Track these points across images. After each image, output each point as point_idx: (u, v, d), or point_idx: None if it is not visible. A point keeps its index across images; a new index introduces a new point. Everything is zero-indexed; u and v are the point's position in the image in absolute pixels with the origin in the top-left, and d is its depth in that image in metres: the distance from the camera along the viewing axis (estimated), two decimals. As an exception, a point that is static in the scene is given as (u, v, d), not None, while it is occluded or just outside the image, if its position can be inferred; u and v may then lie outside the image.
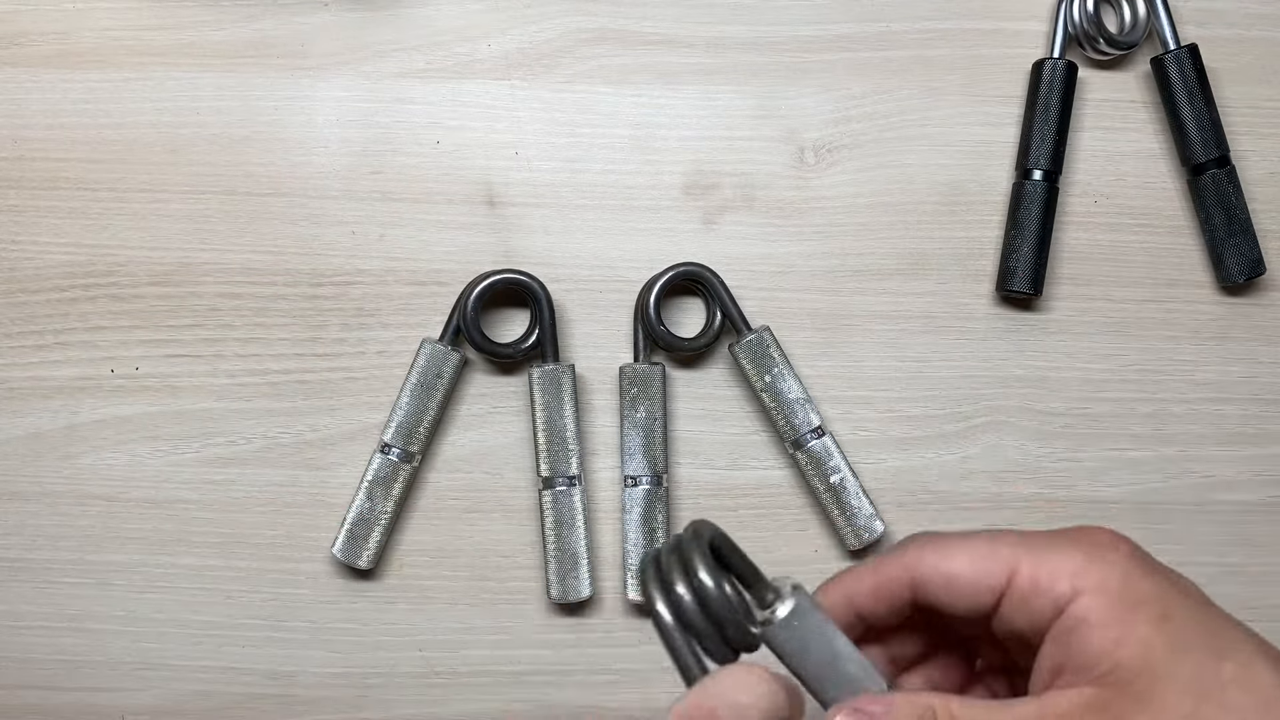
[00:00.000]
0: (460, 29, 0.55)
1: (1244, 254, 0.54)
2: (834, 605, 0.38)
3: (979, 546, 0.36)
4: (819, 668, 0.35)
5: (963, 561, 0.36)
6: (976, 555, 0.35)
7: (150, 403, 0.54)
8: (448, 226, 0.55)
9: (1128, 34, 0.55)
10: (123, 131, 0.54)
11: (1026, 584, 0.34)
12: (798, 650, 0.35)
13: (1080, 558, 0.34)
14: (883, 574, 0.37)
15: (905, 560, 0.37)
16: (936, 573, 0.36)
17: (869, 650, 0.39)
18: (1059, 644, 0.34)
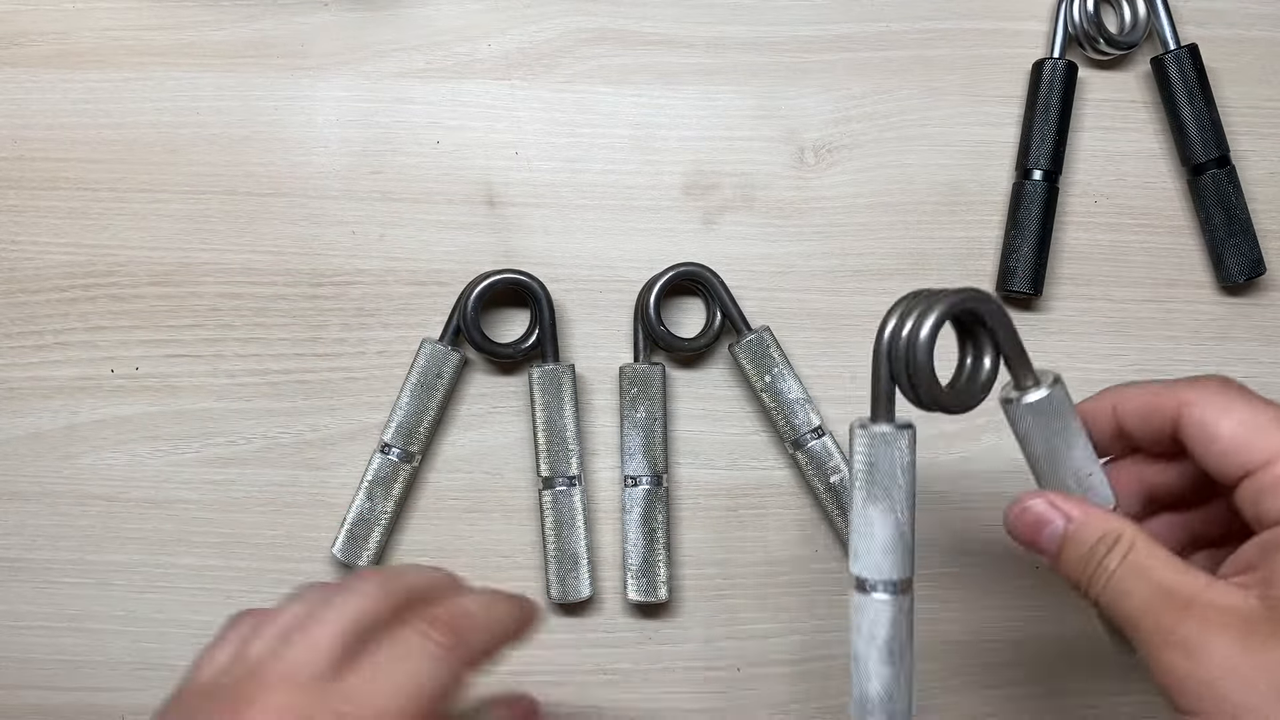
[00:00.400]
0: (460, 29, 0.55)
1: (1244, 254, 0.54)
2: (1097, 408, 0.39)
3: (1257, 416, 0.36)
4: (1049, 462, 0.38)
5: (1230, 429, 0.36)
6: (1246, 427, 0.36)
7: (150, 403, 0.54)
8: (448, 226, 0.55)
9: (1128, 34, 0.55)
10: (123, 131, 0.54)
11: (1270, 481, 0.35)
12: (1034, 437, 0.37)
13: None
14: (1155, 400, 0.38)
15: (1181, 395, 0.37)
16: (1200, 433, 0.36)
17: (1121, 465, 0.40)
18: (1262, 548, 0.35)
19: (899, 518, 0.36)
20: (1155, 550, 0.35)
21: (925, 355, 0.35)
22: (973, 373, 0.37)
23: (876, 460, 0.36)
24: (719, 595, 0.54)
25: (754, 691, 0.54)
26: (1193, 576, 0.34)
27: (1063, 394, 0.37)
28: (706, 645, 0.54)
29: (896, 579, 0.36)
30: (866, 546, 0.36)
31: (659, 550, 0.52)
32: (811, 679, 0.54)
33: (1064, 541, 0.37)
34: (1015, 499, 0.38)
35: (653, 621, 0.54)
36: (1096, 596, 0.36)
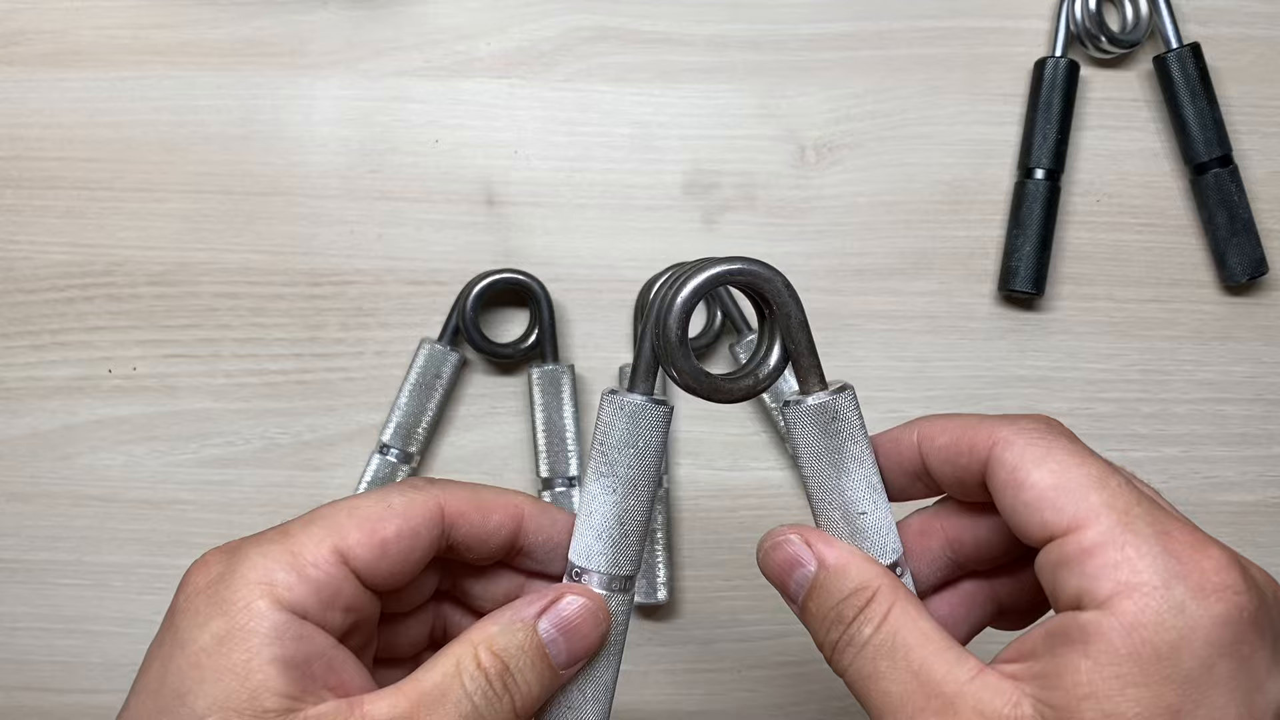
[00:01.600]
0: (459, 27, 0.55)
1: (1246, 253, 0.54)
2: (901, 438, 0.33)
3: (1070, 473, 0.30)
4: (819, 490, 0.32)
5: (1041, 479, 0.30)
6: (1059, 483, 0.30)
7: (148, 403, 0.54)
8: (447, 226, 0.54)
9: (1130, 32, 0.55)
10: (120, 130, 0.54)
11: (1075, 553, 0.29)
12: (806, 455, 0.32)
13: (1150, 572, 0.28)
14: (966, 434, 0.32)
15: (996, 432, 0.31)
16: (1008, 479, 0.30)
17: (926, 515, 0.35)
18: (1048, 636, 0.29)
19: (622, 500, 0.32)
20: (917, 620, 0.30)
21: (676, 327, 0.31)
22: (758, 364, 0.33)
23: (612, 431, 0.32)
24: (719, 596, 0.54)
25: (754, 693, 0.54)
26: (959, 663, 0.29)
27: (846, 407, 0.32)
28: (706, 647, 0.54)
29: (606, 571, 0.32)
30: (583, 528, 0.32)
31: (659, 552, 0.52)
32: (812, 681, 0.54)
33: (810, 591, 0.31)
34: (771, 530, 0.33)
35: (653, 623, 0.54)
36: (842, 670, 0.31)
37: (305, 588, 0.30)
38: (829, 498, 0.32)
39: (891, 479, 0.33)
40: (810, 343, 0.32)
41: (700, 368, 0.32)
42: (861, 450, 0.32)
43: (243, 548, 0.31)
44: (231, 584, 0.30)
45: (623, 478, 0.32)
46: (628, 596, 0.33)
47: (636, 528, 0.32)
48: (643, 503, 0.32)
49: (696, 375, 0.32)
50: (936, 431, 0.32)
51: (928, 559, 0.34)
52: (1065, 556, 0.28)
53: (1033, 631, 0.29)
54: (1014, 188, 0.55)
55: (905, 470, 0.33)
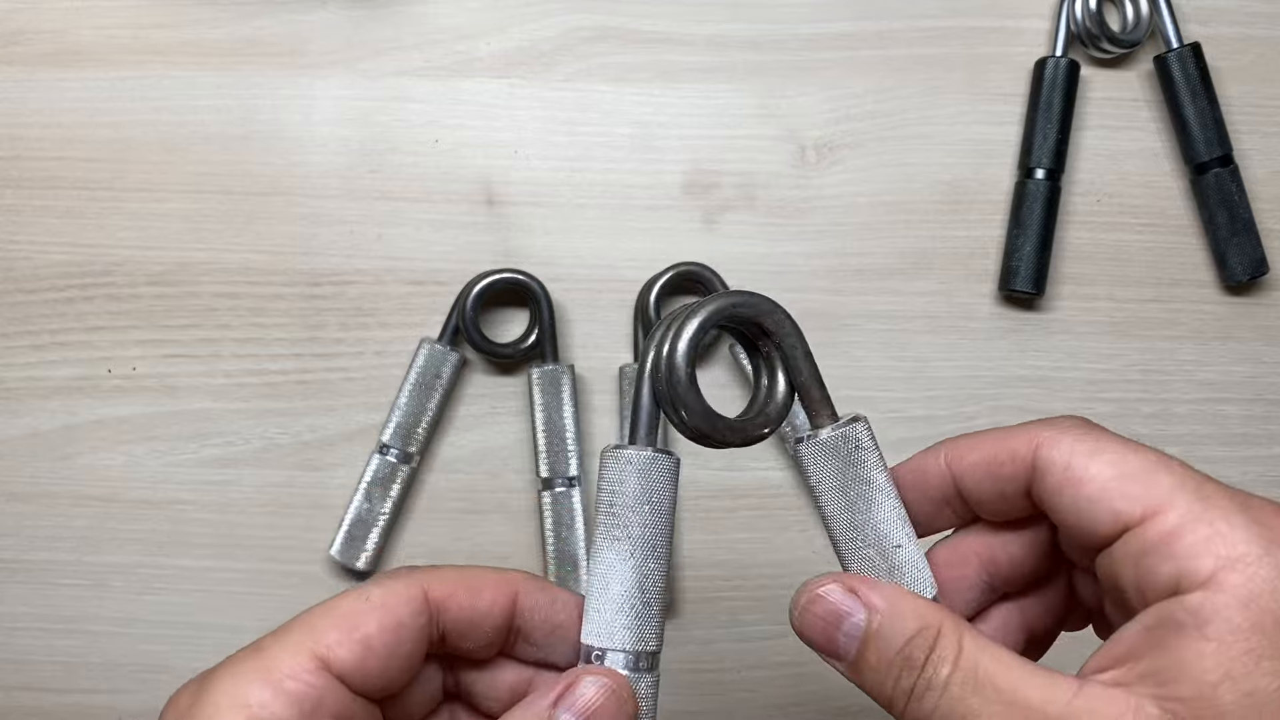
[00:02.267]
0: (459, 27, 0.55)
1: (1247, 253, 0.54)
2: (926, 463, 0.32)
3: (1128, 461, 0.28)
4: (845, 529, 0.31)
5: (1100, 471, 0.28)
6: (1120, 472, 0.28)
7: (148, 403, 0.54)
8: (446, 226, 0.54)
9: (1130, 32, 0.55)
10: (120, 130, 0.54)
11: (1159, 537, 0.27)
12: (825, 492, 0.31)
13: (1245, 544, 0.26)
14: (1004, 442, 0.30)
15: (1038, 434, 0.30)
16: (1064, 477, 0.29)
17: (952, 542, 0.33)
18: (1149, 630, 0.27)
19: (641, 565, 0.29)
20: (992, 649, 0.28)
21: (684, 371, 0.29)
22: (764, 401, 0.31)
23: (622, 489, 0.30)
24: (719, 597, 0.54)
25: (754, 694, 0.54)
26: (1054, 684, 0.27)
27: (862, 435, 0.31)
28: (706, 647, 0.54)
29: (631, 649, 0.29)
30: (598, 603, 0.30)
31: (659, 551, 0.52)
32: (812, 681, 0.54)
33: (865, 641, 0.28)
34: (804, 585, 0.30)
35: (653, 623, 0.54)
36: (924, 718, 0.27)
37: (282, 702, 0.27)
38: (860, 534, 0.30)
39: (916, 509, 0.32)
40: (817, 373, 0.31)
41: (711, 411, 0.30)
42: (887, 480, 0.31)
43: (215, 673, 0.28)
44: (203, 712, 0.27)
45: (639, 540, 0.29)
46: (655, 675, 0.30)
47: (658, 595, 0.30)
48: (662, 565, 0.30)
49: (712, 420, 0.30)
50: (966, 449, 0.31)
51: (961, 588, 0.32)
52: (1150, 543, 0.27)
53: (1121, 635, 0.27)
54: (1014, 187, 0.55)
55: (933, 497, 0.32)
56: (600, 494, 0.30)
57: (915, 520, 0.32)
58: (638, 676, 0.29)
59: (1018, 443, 0.30)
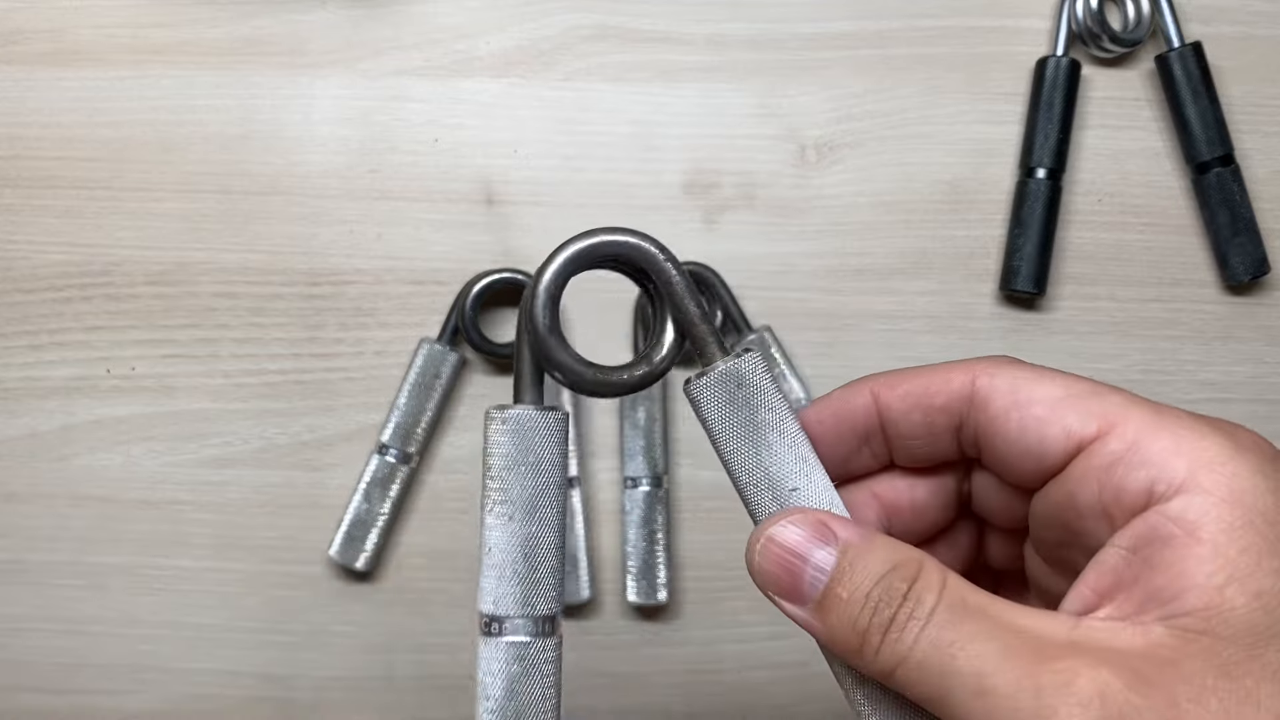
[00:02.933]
0: (458, 26, 0.55)
1: (1248, 253, 0.54)
2: (849, 397, 0.30)
3: (1074, 385, 0.27)
4: (742, 474, 0.28)
5: (1048, 392, 0.27)
6: (1069, 392, 0.27)
7: (146, 403, 0.53)
8: (446, 225, 0.54)
9: (1131, 31, 0.55)
10: (119, 130, 0.54)
11: (1123, 448, 0.25)
12: (719, 436, 0.29)
13: (1214, 447, 0.25)
14: (938, 375, 0.29)
15: (974, 367, 0.28)
16: (1010, 400, 0.27)
17: (853, 488, 0.31)
18: (1133, 552, 0.25)
19: (521, 528, 0.28)
20: (976, 589, 0.25)
21: (544, 317, 0.28)
22: (651, 346, 0.30)
23: (498, 450, 0.28)
24: (719, 598, 0.54)
25: (755, 694, 0.54)
26: (1052, 618, 0.24)
27: (748, 371, 0.29)
28: (706, 648, 0.54)
29: (516, 614, 0.28)
30: (486, 570, 0.28)
31: (659, 552, 0.52)
32: (813, 682, 0.54)
33: (836, 576, 0.26)
34: (761, 523, 0.28)
35: (652, 624, 0.54)
36: (903, 653, 0.24)
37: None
38: (753, 477, 0.28)
39: (833, 449, 0.30)
40: (702, 310, 0.29)
41: (579, 358, 0.29)
42: (779, 418, 0.28)
43: None
44: None
45: (518, 503, 0.28)
46: (552, 640, 0.29)
47: (546, 557, 0.28)
48: (548, 528, 0.28)
49: (575, 367, 0.28)
50: (896, 380, 0.29)
51: None
52: (1114, 455, 0.25)
53: (1097, 567, 0.25)
54: (1015, 187, 0.55)
55: (854, 432, 0.30)
56: (483, 456, 0.29)
57: (830, 461, 0.30)
58: (535, 642, 0.28)
59: (953, 374, 0.28)
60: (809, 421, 0.30)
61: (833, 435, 0.30)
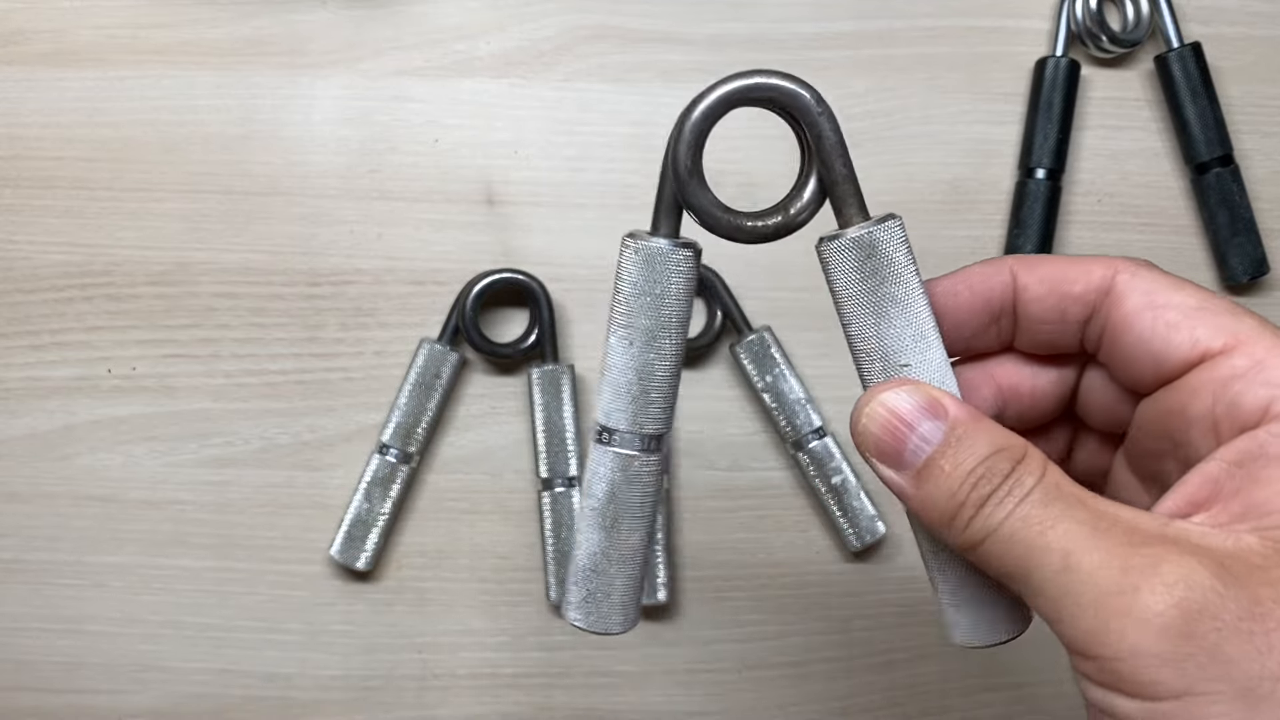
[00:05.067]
0: (458, 27, 0.55)
1: (1248, 253, 0.54)
2: (988, 274, 0.30)
3: (1211, 299, 0.27)
4: (860, 340, 0.29)
5: (1185, 300, 0.27)
6: (1204, 305, 0.27)
7: (147, 403, 0.53)
8: (446, 225, 0.54)
9: (1131, 32, 0.55)
10: (119, 130, 0.54)
11: (1248, 365, 0.26)
12: (845, 299, 0.29)
13: None
14: (1075, 265, 0.29)
15: (1112, 262, 0.29)
16: (1145, 300, 0.27)
17: (972, 368, 0.32)
18: (1237, 465, 0.25)
19: (640, 354, 0.29)
20: (1074, 483, 0.25)
21: (687, 156, 0.28)
22: (790, 197, 0.30)
23: (627, 278, 0.29)
24: (719, 597, 0.54)
25: (755, 694, 0.54)
26: (1144, 515, 0.25)
27: (888, 240, 0.29)
28: (707, 647, 0.54)
29: (625, 429, 0.30)
30: (605, 386, 0.30)
31: (659, 552, 0.52)
32: (813, 681, 0.54)
33: (942, 449, 0.26)
34: (870, 388, 0.28)
35: (653, 624, 0.54)
36: (994, 526, 0.25)
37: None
38: (867, 348, 0.29)
39: (961, 322, 0.30)
40: (849, 168, 0.29)
41: (717, 201, 0.29)
42: (905, 292, 0.28)
43: None
44: None
45: (640, 329, 0.29)
46: (657, 457, 0.30)
47: (660, 384, 0.29)
48: (664, 357, 0.29)
49: (712, 210, 0.29)
50: (1037, 261, 0.30)
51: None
52: (1238, 370, 0.26)
53: (1198, 476, 0.25)
54: (1015, 187, 0.55)
55: (987, 308, 0.30)
56: (615, 281, 0.30)
57: (957, 337, 0.30)
58: (637, 455, 0.30)
59: (1094, 266, 0.29)
60: (944, 291, 0.31)
61: (965, 309, 0.30)
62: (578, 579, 0.30)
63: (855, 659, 0.54)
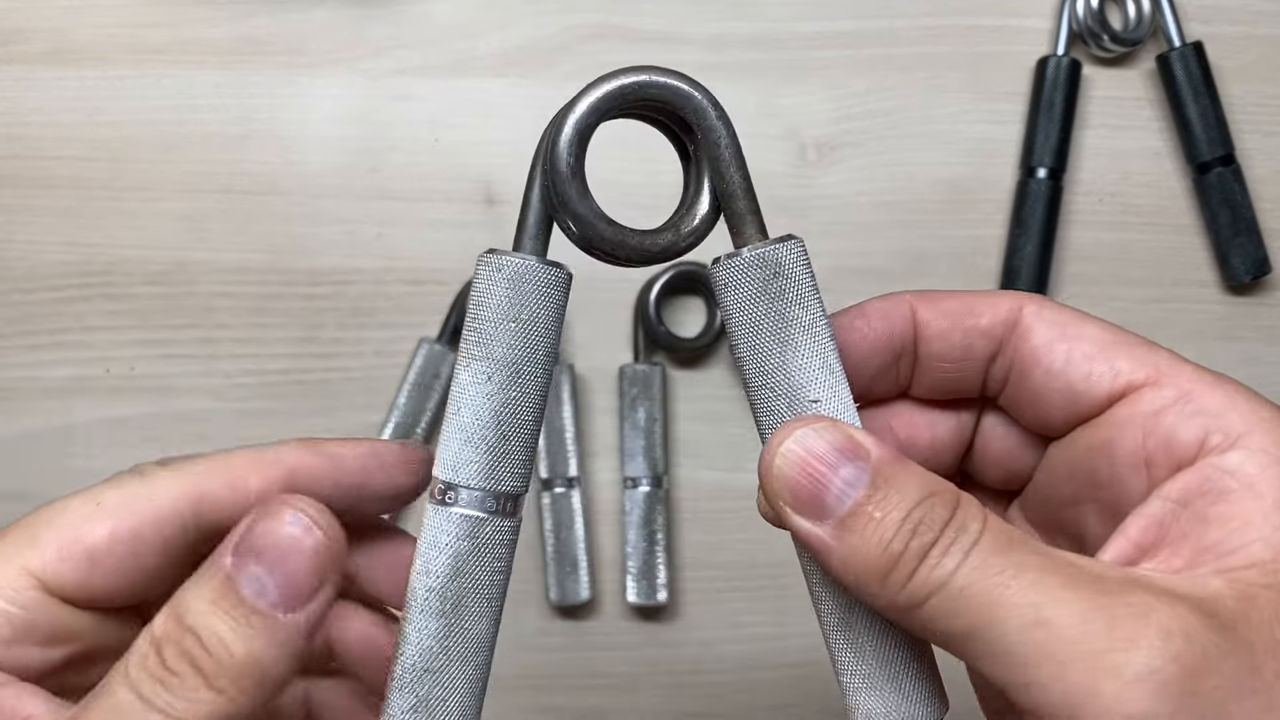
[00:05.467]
0: (458, 26, 0.55)
1: (1249, 253, 0.54)
2: (887, 309, 0.27)
3: (1122, 333, 0.26)
4: (758, 377, 0.25)
5: (1097, 333, 0.26)
6: (1118, 338, 0.26)
7: (146, 403, 0.53)
8: (445, 225, 0.54)
9: (1132, 31, 0.55)
10: (118, 129, 0.54)
11: (1176, 396, 0.24)
12: (738, 329, 0.25)
13: (1267, 409, 0.24)
14: (981, 300, 0.27)
15: (1017, 297, 0.26)
16: (1057, 333, 0.26)
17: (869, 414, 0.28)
18: (1182, 505, 0.23)
19: (500, 392, 0.24)
20: (1015, 530, 0.23)
21: (566, 162, 0.25)
22: (682, 213, 0.26)
23: (487, 300, 0.25)
24: (719, 598, 0.54)
25: (755, 695, 0.53)
26: (1097, 562, 0.23)
27: (787, 259, 0.25)
28: (706, 649, 0.54)
29: (475, 485, 0.25)
30: (449, 432, 0.25)
31: (659, 553, 0.52)
32: (813, 683, 0.53)
33: (870, 493, 0.23)
34: (780, 427, 0.24)
35: (652, 625, 0.54)
36: (936, 586, 0.22)
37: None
38: (770, 381, 0.25)
39: (862, 362, 0.27)
40: (747, 182, 0.26)
41: (600, 212, 0.25)
42: (812, 318, 0.25)
43: None
44: None
45: (500, 360, 0.25)
46: (511, 523, 0.26)
47: (520, 429, 0.25)
48: (528, 396, 0.25)
49: (594, 221, 0.25)
50: (939, 296, 0.27)
51: None
52: (1166, 402, 0.24)
53: (1145, 515, 0.23)
54: (1016, 187, 0.55)
55: (889, 346, 0.27)
56: (468, 304, 0.25)
57: (857, 379, 0.26)
58: (488, 519, 0.25)
59: (999, 299, 0.26)
60: (843, 326, 0.27)
61: (867, 346, 0.27)
62: (404, 681, 0.25)
63: (856, 660, 0.54)
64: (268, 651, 0.23)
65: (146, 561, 0.25)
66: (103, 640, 0.26)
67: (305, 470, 0.27)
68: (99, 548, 0.25)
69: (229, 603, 0.23)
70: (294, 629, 0.23)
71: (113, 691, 0.22)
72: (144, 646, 0.23)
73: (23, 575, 0.25)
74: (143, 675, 0.22)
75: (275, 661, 0.23)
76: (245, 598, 0.23)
